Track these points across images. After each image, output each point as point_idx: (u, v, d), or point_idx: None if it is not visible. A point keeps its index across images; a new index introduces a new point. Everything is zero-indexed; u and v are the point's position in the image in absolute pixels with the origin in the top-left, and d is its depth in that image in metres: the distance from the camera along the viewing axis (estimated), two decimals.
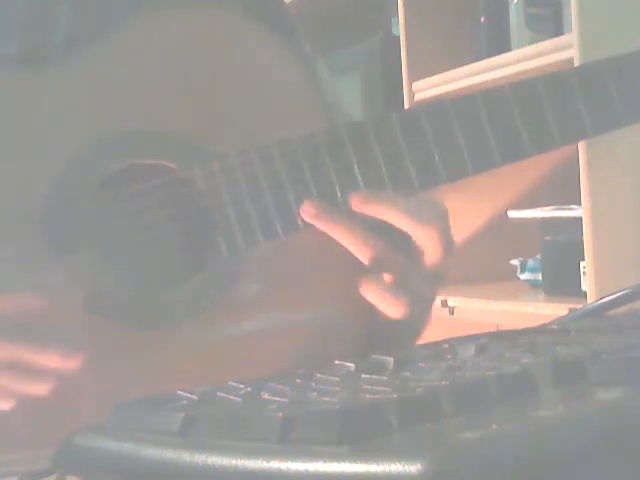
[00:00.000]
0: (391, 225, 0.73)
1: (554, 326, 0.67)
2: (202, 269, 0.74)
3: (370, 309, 0.75)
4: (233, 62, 0.77)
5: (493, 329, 0.65)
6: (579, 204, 1.48)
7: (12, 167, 0.73)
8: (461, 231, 1.94)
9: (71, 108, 0.74)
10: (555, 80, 0.74)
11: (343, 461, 0.38)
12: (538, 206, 1.67)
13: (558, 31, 1.63)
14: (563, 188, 1.70)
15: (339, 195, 0.72)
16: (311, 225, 0.72)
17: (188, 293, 0.73)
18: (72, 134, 0.73)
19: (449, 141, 0.73)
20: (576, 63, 1.43)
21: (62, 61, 0.75)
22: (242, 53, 0.77)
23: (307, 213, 0.72)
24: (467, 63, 1.75)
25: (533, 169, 1.86)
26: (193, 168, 0.73)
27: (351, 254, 0.73)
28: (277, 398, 0.48)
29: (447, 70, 1.79)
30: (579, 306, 0.75)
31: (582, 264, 1.49)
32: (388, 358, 0.55)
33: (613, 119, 0.75)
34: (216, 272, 0.73)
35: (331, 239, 0.73)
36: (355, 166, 0.72)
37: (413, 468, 0.36)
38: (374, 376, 0.51)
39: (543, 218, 1.64)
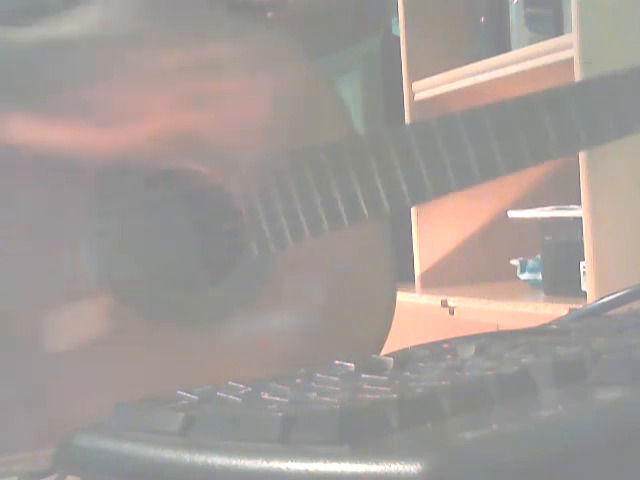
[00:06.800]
0: None
1: (554, 326, 0.67)
2: (233, 270, 0.76)
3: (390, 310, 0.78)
4: (265, 72, 0.78)
5: (493, 329, 0.65)
6: (579, 204, 1.47)
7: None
8: (461, 231, 1.94)
9: None
10: (555, 96, 0.80)
11: (343, 461, 0.38)
12: (538, 206, 1.67)
13: (558, 31, 1.63)
14: (563, 188, 1.70)
15: (360, 199, 0.77)
16: (338, 228, 0.76)
17: (217, 294, 0.75)
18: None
19: (460, 152, 0.79)
20: (576, 63, 1.43)
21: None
22: (272, 62, 0.80)
23: None
24: (467, 63, 1.75)
25: (533, 169, 1.86)
26: (225, 174, 0.75)
27: (381, 256, 0.76)
28: (277, 398, 0.48)
29: (447, 70, 1.78)
30: (579, 306, 0.75)
31: (582, 264, 1.49)
32: (388, 358, 0.55)
33: (610, 133, 0.81)
34: (246, 273, 0.75)
35: (358, 242, 0.77)
36: (375, 174, 0.77)
37: (413, 468, 0.36)
38: (374, 376, 0.51)
39: (543, 218, 1.64)
